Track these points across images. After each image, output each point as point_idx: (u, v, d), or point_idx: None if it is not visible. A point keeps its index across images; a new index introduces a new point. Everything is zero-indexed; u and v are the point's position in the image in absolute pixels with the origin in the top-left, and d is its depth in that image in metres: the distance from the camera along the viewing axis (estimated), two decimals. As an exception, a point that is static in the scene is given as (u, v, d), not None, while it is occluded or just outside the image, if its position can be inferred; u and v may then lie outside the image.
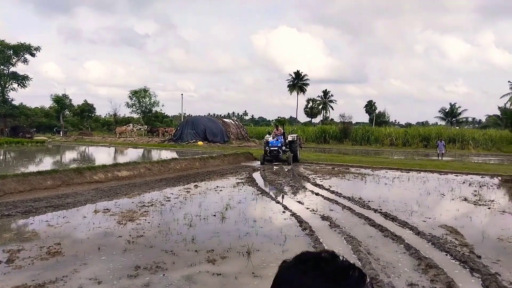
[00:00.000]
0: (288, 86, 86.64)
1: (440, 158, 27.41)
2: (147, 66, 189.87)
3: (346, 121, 48.94)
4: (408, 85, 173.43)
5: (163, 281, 4.99)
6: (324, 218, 8.54)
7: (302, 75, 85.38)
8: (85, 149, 30.87)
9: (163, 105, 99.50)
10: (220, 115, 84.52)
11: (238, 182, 13.66)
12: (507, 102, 66.93)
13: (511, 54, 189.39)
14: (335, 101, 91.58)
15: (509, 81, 67.35)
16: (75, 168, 12.45)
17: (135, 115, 59.67)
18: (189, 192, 11.65)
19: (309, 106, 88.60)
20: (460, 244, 6.76)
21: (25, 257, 5.74)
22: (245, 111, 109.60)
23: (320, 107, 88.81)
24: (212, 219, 8.39)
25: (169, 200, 10.26)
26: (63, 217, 8.24)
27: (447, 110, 70.12)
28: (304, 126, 59.28)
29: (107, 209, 9.07)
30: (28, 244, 6.41)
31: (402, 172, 18.07)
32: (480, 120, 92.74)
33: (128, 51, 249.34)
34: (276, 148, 19.79)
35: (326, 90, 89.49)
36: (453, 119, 69.39)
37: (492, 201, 11.08)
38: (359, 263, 5.72)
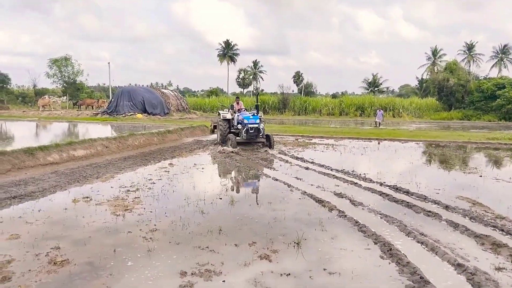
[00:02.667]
0: (218, 55, 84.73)
1: (378, 126, 28.37)
2: (56, 34, 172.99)
3: (285, 92, 48.89)
4: (327, 57, 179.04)
5: (227, 287, 4.03)
6: (337, 195, 7.97)
7: (232, 44, 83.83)
8: (7, 125, 27.02)
9: (88, 75, 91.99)
10: (162, 84, 79.95)
11: (215, 158, 12.60)
12: (423, 72, 72.42)
13: (417, 28, 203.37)
14: (265, 71, 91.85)
15: (425, 53, 72.60)
16: (25, 148, 10.41)
17: (56, 87, 53.92)
18: (168, 171, 10.39)
19: (240, 77, 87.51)
20: (496, 216, 6.59)
21: (24, 272, 4.37)
22: (170, 81, 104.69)
23: (251, 77, 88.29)
24: (220, 202, 7.39)
25: (154, 183, 8.98)
26: (39, 211, 6.68)
27: (369, 80, 73.73)
28: (242, 97, 58.35)
29: (87, 197, 7.61)
30: (15, 251, 4.96)
31: (364, 141, 18.22)
32: (393, 89, 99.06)
33: (33, 16, 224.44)
34: (257, 127, 14.71)
35: (256, 60, 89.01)
36: (376, 88, 73.21)
37: (476, 167, 11.40)
38: (420, 246, 5.24)
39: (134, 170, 10.56)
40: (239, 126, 15.11)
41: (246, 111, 16.21)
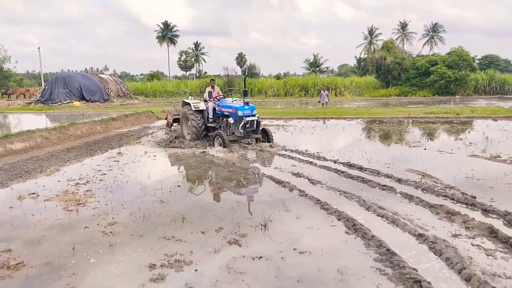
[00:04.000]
0: (157, 37, 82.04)
1: (324, 106, 28.95)
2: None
3: (230, 73, 48.37)
4: (268, 38, 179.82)
5: (203, 278, 3.93)
6: (295, 174, 8.08)
7: (171, 26, 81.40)
8: None
9: (16, 62, 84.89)
10: (98, 69, 75.48)
11: (166, 144, 12.22)
12: (361, 51, 75.10)
13: (353, 8, 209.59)
14: (207, 53, 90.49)
15: (362, 32, 75.20)
16: (-46, 144, 9.44)
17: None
18: (118, 161, 9.92)
19: (182, 59, 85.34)
20: (445, 186, 7.00)
21: (-28, 280, 3.96)
22: (106, 66, 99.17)
23: (193, 59, 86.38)
24: (179, 190, 7.19)
25: (105, 174, 8.54)
26: (-21, 212, 6.11)
27: (311, 61, 75.22)
28: (186, 80, 57.11)
29: (33, 193, 7.07)
30: (-42, 258, 4.49)
31: (312, 121, 18.59)
32: (333, 69, 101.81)
33: None
34: (256, 120, 11.05)
35: (197, 42, 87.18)
36: (317, 68, 74.89)
37: (419, 141, 12.05)
38: (380, 219, 5.44)
39: (80, 161, 9.97)
40: (230, 120, 11.01)
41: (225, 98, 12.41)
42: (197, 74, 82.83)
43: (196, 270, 4.12)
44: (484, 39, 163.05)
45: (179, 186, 7.45)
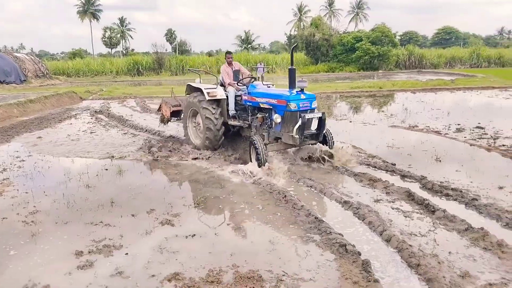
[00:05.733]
0: (78, 12, 76.53)
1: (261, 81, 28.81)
2: None
3: (160, 50, 46.66)
4: (198, 13, 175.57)
5: (135, 261, 3.83)
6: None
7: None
8: None
9: None
10: (12, 48, 68.64)
11: (91, 127, 11.57)
12: (291, 28, 76.17)
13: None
14: (134, 29, 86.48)
15: (292, 9, 76.14)
16: None
17: None
18: (37, 145, 9.26)
19: (107, 36, 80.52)
20: (368, 156, 7.44)
21: None
22: (21, 44, 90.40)
23: (119, 35, 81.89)
24: (107, 174, 6.89)
25: (23, 160, 7.93)
26: None
27: (242, 38, 75.00)
28: (112, 58, 54.12)
29: None
30: None
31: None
32: (265, 46, 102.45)
33: None
34: (321, 117, 6.75)
35: (122, 17, 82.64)
36: (249, 45, 74.87)
37: (345, 114, 12.61)
38: (309, 189, 5.67)
39: (-5, 148, 9.16)
40: (275, 118, 6.65)
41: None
42: (124, 51, 78.97)
43: (127, 253, 4.01)
44: (404, 16, 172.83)
45: (106, 169, 7.14)
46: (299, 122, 6.35)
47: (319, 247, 3.99)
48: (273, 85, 8.14)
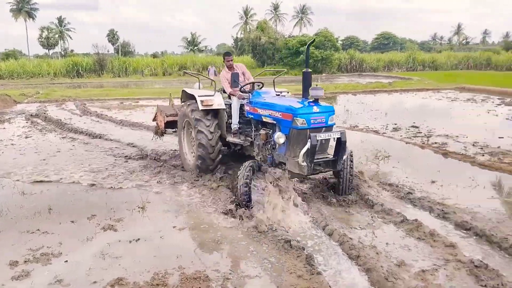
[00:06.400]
0: (12, 11, 71.86)
1: (213, 85, 28.00)
2: None
3: (101, 51, 44.88)
4: (142, 13, 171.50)
5: (75, 268, 3.68)
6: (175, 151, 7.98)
7: (27, -3, 71.98)
8: None
9: None
10: None
11: (26, 132, 10.89)
12: (238, 31, 76.60)
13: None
14: (74, 29, 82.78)
15: (238, 12, 76.61)
16: None
17: None
18: (-34, 152, 8.58)
19: (44, 36, 76.27)
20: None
21: None
22: None
23: (57, 36, 77.90)
24: (44, 179, 6.53)
25: (-51, 168, 7.31)
26: None
27: (189, 39, 74.32)
28: (50, 59, 51.21)
29: None
30: None
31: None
32: (211, 48, 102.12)
33: None
34: (341, 138, 4.94)
35: (61, 17, 78.74)
36: (195, 47, 74.30)
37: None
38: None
39: None
40: (277, 138, 5.06)
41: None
42: (63, 52, 75.17)
43: (66, 261, 3.84)
44: (346, 22, 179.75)
45: (45, 176, 6.76)
46: (308, 145, 4.65)
47: (265, 244, 4.06)
48: (288, 92, 7.01)
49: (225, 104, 6.35)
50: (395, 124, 10.98)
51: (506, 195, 5.64)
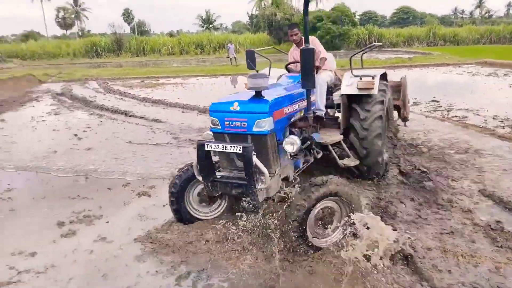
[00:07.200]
0: (28, -10, 72.43)
1: (233, 63, 26.24)
2: None
3: (118, 31, 45.26)
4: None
5: (118, 227, 4.02)
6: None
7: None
8: None
9: None
10: None
11: (54, 109, 11.33)
12: (253, 7, 75.66)
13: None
14: (89, 9, 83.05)
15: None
16: None
17: None
18: (2, 129, 9.04)
19: (60, 16, 76.81)
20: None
21: None
22: None
23: (73, 16, 78.33)
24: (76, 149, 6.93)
25: (-12, 142, 7.78)
26: None
27: (204, 17, 73.84)
28: (68, 40, 51.86)
29: None
30: None
31: (210, 78, 18.70)
32: (227, 26, 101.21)
33: None
34: (245, 152, 3.21)
35: (76, -3, 78.88)
36: (210, 25, 73.82)
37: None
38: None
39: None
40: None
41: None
42: (80, 33, 75.77)
43: (107, 222, 4.19)
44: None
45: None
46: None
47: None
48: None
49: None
50: (415, 98, 10.97)
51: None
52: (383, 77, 5.32)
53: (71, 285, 3.12)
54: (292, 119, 3.86)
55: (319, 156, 4.23)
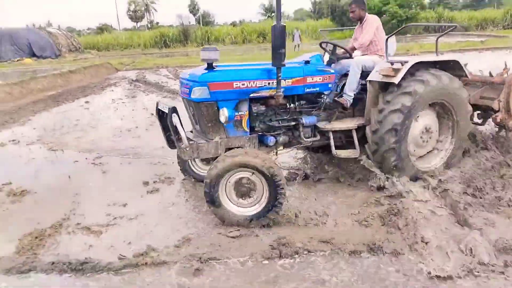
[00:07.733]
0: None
1: (296, 49, 26.04)
2: None
3: (185, 23, 47.16)
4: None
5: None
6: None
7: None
8: None
9: None
10: (40, 26, 70.46)
11: (132, 92, 12.45)
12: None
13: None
14: (158, 1, 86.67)
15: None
16: None
17: None
18: (88, 109, 10.21)
19: (131, 9, 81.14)
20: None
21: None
22: (48, 21, 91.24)
23: (143, 9, 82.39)
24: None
25: (78, 120, 8.86)
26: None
27: (266, 6, 74.12)
28: (139, 32, 54.98)
29: (13, 140, 7.34)
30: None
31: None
32: (288, 15, 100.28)
33: None
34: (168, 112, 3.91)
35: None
36: (273, 14, 73.85)
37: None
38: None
39: (49, 112, 10.17)
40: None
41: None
42: (149, 25, 79.59)
43: (184, 179, 4.83)
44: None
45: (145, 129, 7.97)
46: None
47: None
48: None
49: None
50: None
51: None
52: (449, 66, 4.57)
53: (158, 228, 3.74)
54: (253, 94, 3.94)
55: (309, 141, 4.28)
